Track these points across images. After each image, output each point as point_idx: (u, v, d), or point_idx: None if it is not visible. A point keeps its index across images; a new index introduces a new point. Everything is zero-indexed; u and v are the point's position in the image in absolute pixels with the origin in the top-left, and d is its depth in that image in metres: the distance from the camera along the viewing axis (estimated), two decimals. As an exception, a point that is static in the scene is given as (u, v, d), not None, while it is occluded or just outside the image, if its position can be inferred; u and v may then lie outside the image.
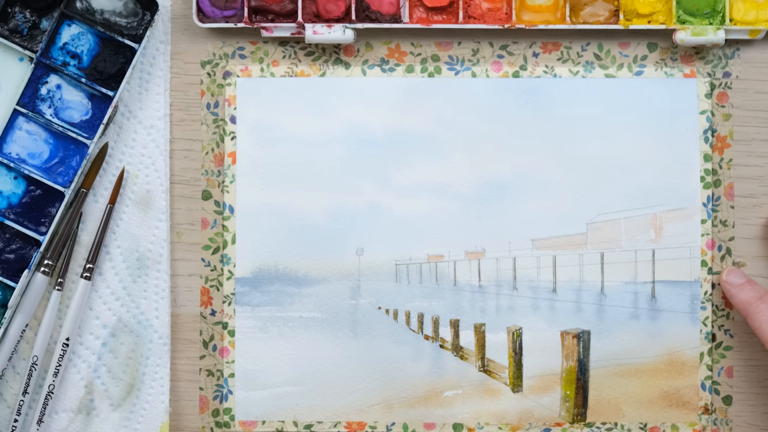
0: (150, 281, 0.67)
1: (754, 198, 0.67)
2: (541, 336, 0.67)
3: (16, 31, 0.66)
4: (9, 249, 0.66)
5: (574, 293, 0.67)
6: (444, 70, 0.68)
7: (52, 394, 0.66)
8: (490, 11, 0.67)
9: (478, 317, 0.68)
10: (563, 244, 0.67)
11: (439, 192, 0.68)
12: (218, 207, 0.68)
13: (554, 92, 0.67)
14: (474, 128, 0.68)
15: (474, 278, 0.68)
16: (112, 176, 0.68)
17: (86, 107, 0.67)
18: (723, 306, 0.67)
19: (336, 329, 0.68)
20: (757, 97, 0.68)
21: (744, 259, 0.67)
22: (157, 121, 0.68)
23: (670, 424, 0.67)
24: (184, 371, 0.68)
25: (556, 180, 0.67)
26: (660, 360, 0.67)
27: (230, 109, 0.68)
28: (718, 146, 0.67)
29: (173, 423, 0.68)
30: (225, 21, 0.67)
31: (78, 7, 0.66)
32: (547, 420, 0.68)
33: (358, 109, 0.68)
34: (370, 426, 0.68)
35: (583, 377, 0.67)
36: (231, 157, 0.68)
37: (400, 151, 0.68)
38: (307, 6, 0.67)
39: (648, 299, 0.67)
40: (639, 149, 0.67)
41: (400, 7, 0.67)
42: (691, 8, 0.66)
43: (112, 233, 0.67)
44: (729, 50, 0.67)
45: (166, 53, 0.68)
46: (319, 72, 0.68)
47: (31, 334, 0.67)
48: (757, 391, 0.68)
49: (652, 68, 0.67)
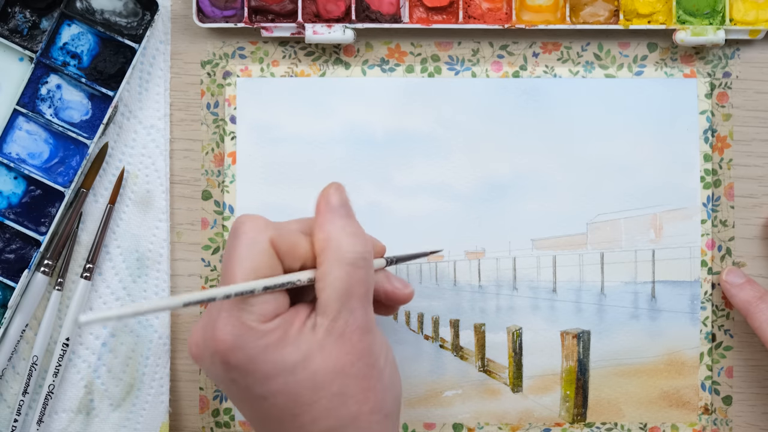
0: (150, 281, 0.67)
1: (754, 198, 0.67)
2: (541, 336, 0.67)
3: (16, 31, 0.66)
4: (9, 249, 0.66)
5: (574, 293, 0.67)
6: (444, 70, 0.68)
7: (52, 394, 0.66)
8: (490, 11, 0.67)
9: (478, 317, 0.68)
10: (563, 244, 0.67)
11: (439, 192, 0.68)
12: (218, 207, 0.68)
13: (554, 92, 0.67)
14: (474, 128, 0.68)
15: (474, 278, 0.68)
16: (112, 176, 0.68)
17: (86, 107, 0.67)
18: (723, 306, 0.67)
19: (336, 329, 0.68)
20: (757, 97, 0.68)
21: (744, 259, 0.67)
22: (157, 121, 0.68)
23: (670, 424, 0.67)
24: (184, 371, 0.68)
25: (556, 180, 0.67)
26: (660, 360, 0.67)
27: (230, 109, 0.68)
28: (718, 146, 0.67)
29: (173, 423, 0.68)
30: (225, 21, 0.67)
31: (78, 7, 0.66)
32: (547, 420, 0.68)
33: (358, 109, 0.68)
34: (370, 426, 0.67)
35: (583, 377, 0.67)
36: (231, 157, 0.68)
37: (400, 151, 0.68)
38: (307, 6, 0.67)
39: (648, 299, 0.67)
40: (639, 149, 0.67)
41: (400, 7, 0.67)
42: (691, 8, 0.66)
43: (112, 233, 0.67)
44: (729, 50, 0.67)
45: (166, 53, 0.68)
46: (319, 72, 0.68)
47: (31, 334, 0.67)
48: (757, 391, 0.68)
49: (652, 68, 0.67)
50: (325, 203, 0.54)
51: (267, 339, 0.51)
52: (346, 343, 0.52)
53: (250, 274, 0.51)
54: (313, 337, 0.51)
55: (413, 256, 0.62)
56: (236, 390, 0.52)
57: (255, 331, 0.50)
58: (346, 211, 0.54)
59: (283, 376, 0.51)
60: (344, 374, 0.52)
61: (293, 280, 0.52)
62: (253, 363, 0.50)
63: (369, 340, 0.53)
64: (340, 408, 0.52)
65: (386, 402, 0.53)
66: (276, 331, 0.51)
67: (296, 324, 0.52)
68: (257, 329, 0.50)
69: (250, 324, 0.50)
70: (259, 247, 0.51)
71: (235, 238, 0.52)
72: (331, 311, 0.52)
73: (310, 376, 0.51)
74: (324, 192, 0.55)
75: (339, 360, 0.51)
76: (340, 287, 0.52)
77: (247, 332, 0.50)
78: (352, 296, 0.52)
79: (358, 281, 0.52)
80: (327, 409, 0.51)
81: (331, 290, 0.52)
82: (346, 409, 0.52)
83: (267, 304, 0.51)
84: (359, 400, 0.52)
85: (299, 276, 0.52)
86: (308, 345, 0.51)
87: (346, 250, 0.52)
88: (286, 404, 0.51)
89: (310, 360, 0.51)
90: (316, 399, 0.51)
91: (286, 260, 0.53)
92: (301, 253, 0.53)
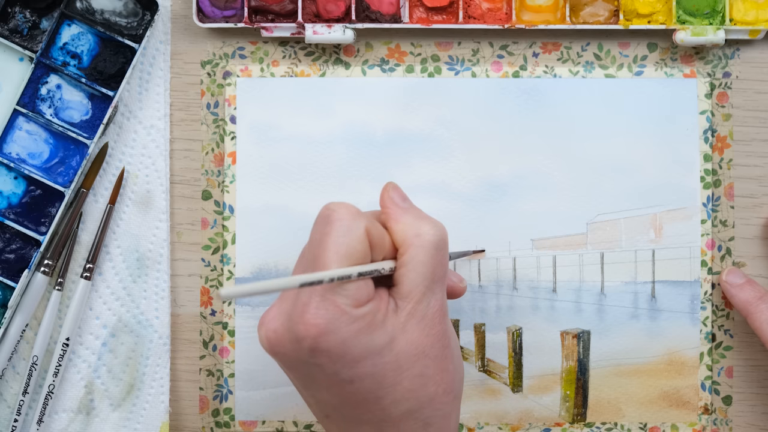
0: (150, 281, 0.67)
1: (754, 198, 0.67)
2: (541, 336, 0.67)
3: (16, 31, 0.66)
4: (9, 249, 0.66)
5: (574, 293, 0.67)
6: (444, 70, 0.68)
7: (52, 394, 0.66)
8: (490, 11, 0.67)
9: (478, 317, 0.68)
10: (563, 244, 0.67)
11: (439, 192, 0.68)
12: (218, 207, 0.68)
13: (554, 92, 0.67)
14: (474, 128, 0.68)
15: (474, 278, 0.68)
16: (112, 176, 0.68)
17: (86, 107, 0.67)
18: (723, 306, 0.67)
19: (336, 329, 0.68)
20: (757, 97, 0.68)
21: (744, 259, 0.67)
22: (157, 121, 0.68)
23: (670, 424, 0.67)
24: (184, 371, 0.68)
25: (556, 180, 0.67)
26: (660, 360, 0.67)
27: (230, 109, 0.68)
28: (718, 146, 0.67)
29: (173, 423, 0.68)
30: (225, 21, 0.67)
31: (78, 7, 0.66)
32: (547, 420, 0.68)
33: (358, 109, 0.68)
34: (370, 426, 0.67)
35: (583, 377, 0.67)
36: (231, 157, 0.68)
37: (400, 151, 0.68)
38: (307, 6, 0.67)
39: (648, 299, 0.67)
40: (639, 149, 0.67)
41: (400, 7, 0.67)
42: (691, 8, 0.66)
43: (112, 233, 0.67)
44: (729, 50, 0.67)
45: (166, 53, 0.68)
46: (319, 72, 0.68)
47: (31, 334, 0.67)
48: (757, 391, 0.68)
49: (652, 68, 0.67)
50: (389, 200, 0.57)
51: (360, 323, 0.52)
52: (427, 326, 0.54)
53: (344, 260, 0.52)
54: (397, 320, 0.53)
55: (459, 255, 0.65)
56: (321, 376, 0.53)
57: (349, 316, 0.52)
58: (410, 204, 0.57)
59: (371, 359, 0.52)
60: (425, 355, 0.54)
61: (379, 268, 0.54)
62: (344, 346, 0.52)
63: (446, 323, 0.55)
64: (420, 389, 0.54)
65: (456, 383, 0.56)
66: (367, 316, 0.52)
67: (382, 308, 0.53)
68: (351, 314, 0.52)
69: (345, 309, 0.52)
70: (355, 234, 0.53)
71: (329, 224, 0.53)
72: (416, 294, 0.54)
73: (395, 358, 0.53)
74: (385, 191, 0.58)
75: (420, 342, 0.54)
76: (424, 271, 0.54)
77: (341, 316, 0.52)
78: (435, 279, 0.54)
79: (440, 264, 0.55)
80: (409, 390, 0.53)
81: (416, 274, 0.54)
82: (425, 390, 0.54)
83: (360, 290, 0.52)
84: (436, 381, 0.54)
85: (383, 265, 0.54)
86: (393, 327, 0.53)
87: (427, 235, 0.54)
88: (371, 387, 0.53)
89: (395, 342, 0.53)
90: (399, 380, 0.53)
91: (375, 249, 0.54)
92: (386, 243, 0.55)
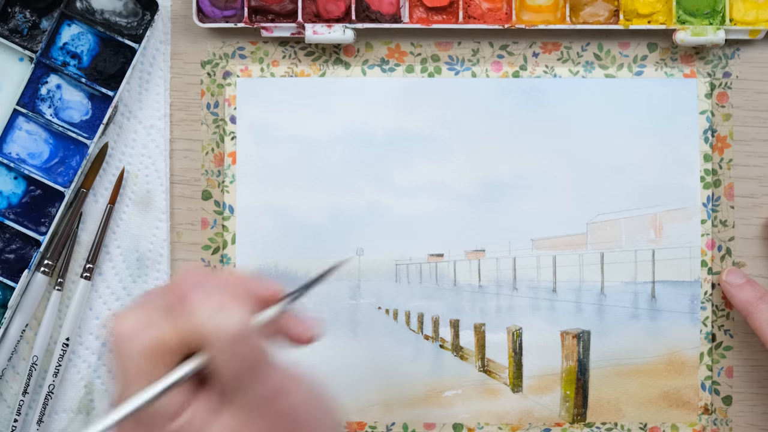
0: (150, 281, 0.67)
1: (754, 198, 0.67)
2: (541, 336, 0.67)
3: (16, 31, 0.66)
4: (9, 249, 0.66)
5: (574, 293, 0.67)
6: (444, 70, 0.68)
7: (52, 394, 0.66)
8: (490, 11, 0.67)
9: (478, 317, 0.68)
10: (563, 244, 0.67)
11: (439, 192, 0.68)
12: (218, 207, 0.68)
13: (554, 92, 0.67)
14: (474, 128, 0.68)
15: (474, 278, 0.68)
16: (112, 176, 0.68)
17: (86, 107, 0.67)
18: (723, 306, 0.67)
19: (336, 329, 0.68)
20: (757, 97, 0.68)
21: (744, 259, 0.67)
22: (157, 121, 0.68)
23: (670, 424, 0.67)
24: (184, 371, 0.68)
25: (556, 180, 0.67)
26: (660, 360, 0.67)
27: (230, 109, 0.68)
28: (718, 146, 0.67)
29: (173, 423, 0.68)
30: (225, 21, 0.67)
31: (78, 7, 0.66)
32: (547, 420, 0.68)
33: (358, 109, 0.68)
34: (370, 426, 0.68)
35: (583, 377, 0.67)
36: (231, 157, 0.68)
37: (400, 151, 0.68)
38: (307, 6, 0.67)
39: (648, 299, 0.67)
40: (639, 149, 0.67)
41: (400, 7, 0.67)
42: (691, 8, 0.66)
43: (112, 233, 0.67)
44: (729, 50, 0.67)
45: (166, 53, 0.68)
46: (319, 72, 0.68)
47: (31, 334, 0.67)
48: (757, 391, 0.68)
49: (652, 68, 0.67)
50: (186, 283, 0.47)
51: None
52: (260, 416, 0.47)
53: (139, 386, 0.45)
54: (221, 421, 0.46)
55: (313, 282, 0.52)
56: None
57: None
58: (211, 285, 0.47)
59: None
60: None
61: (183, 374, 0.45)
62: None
63: (281, 400, 0.47)
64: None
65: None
66: (183, 428, 0.45)
67: (199, 416, 0.46)
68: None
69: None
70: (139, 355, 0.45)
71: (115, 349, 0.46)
72: (231, 391, 0.46)
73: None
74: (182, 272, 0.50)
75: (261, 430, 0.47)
76: (230, 370, 0.45)
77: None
78: (243, 374, 0.46)
79: (244, 357, 0.46)
80: None
81: (223, 374, 0.45)
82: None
83: (170, 403, 0.45)
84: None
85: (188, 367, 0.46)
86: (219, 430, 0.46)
87: (222, 330, 0.45)
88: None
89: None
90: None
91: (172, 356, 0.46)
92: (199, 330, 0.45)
